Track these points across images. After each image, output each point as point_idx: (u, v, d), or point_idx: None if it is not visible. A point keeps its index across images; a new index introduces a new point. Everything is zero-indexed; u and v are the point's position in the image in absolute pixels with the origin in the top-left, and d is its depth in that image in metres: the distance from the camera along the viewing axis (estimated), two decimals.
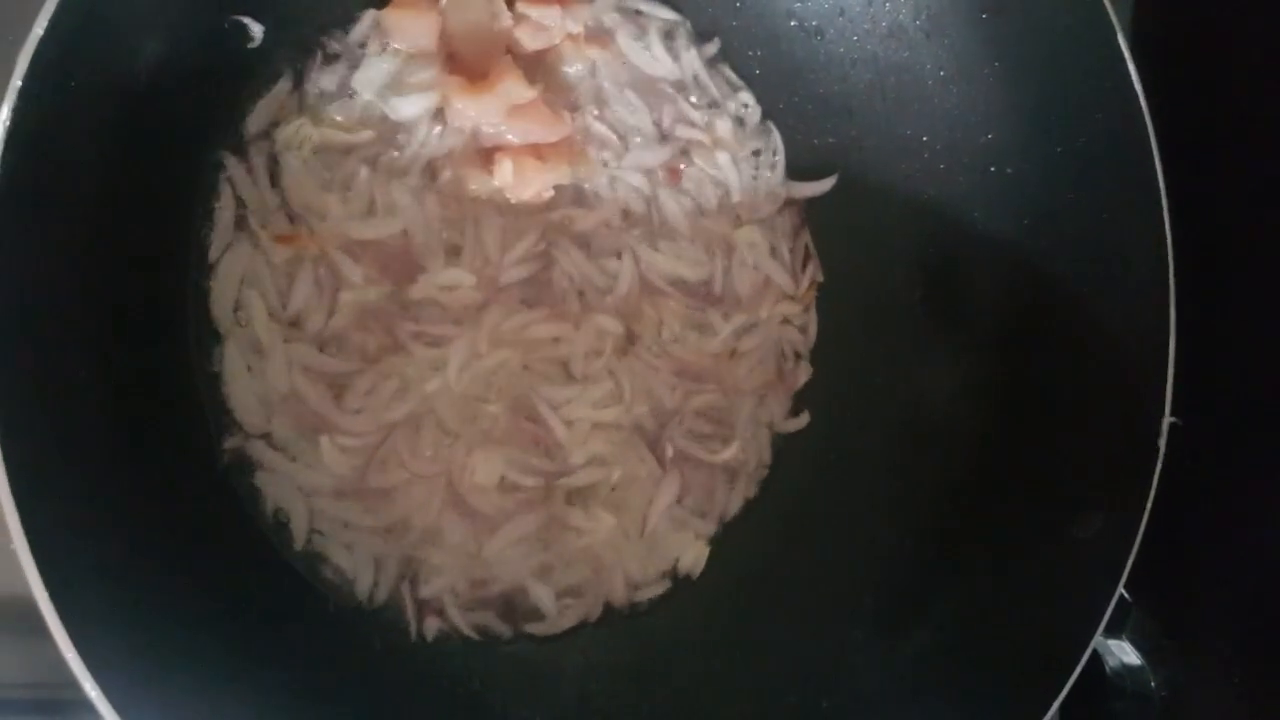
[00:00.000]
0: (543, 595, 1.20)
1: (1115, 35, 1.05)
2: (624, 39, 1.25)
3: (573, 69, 1.24)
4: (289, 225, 1.14)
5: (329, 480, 1.13)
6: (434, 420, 1.17)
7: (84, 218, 0.90)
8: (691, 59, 1.29)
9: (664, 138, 1.27)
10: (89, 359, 0.89)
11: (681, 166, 1.28)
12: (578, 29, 1.21)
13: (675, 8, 1.28)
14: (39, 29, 0.78)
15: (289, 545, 1.12)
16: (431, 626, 1.16)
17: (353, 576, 1.14)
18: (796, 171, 1.32)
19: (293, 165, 1.14)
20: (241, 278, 1.12)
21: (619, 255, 1.24)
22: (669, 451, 1.24)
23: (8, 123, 0.77)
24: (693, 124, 1.28)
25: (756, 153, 1.31)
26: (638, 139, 1.26)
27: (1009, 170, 1.19)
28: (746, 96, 1.31)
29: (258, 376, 1.12)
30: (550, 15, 1.19)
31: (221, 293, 1.11)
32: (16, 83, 0.77)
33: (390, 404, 1.15)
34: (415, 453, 1.16)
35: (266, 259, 1.13)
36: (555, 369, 1.21)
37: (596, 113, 1.25)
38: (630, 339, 1.24)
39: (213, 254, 1.11)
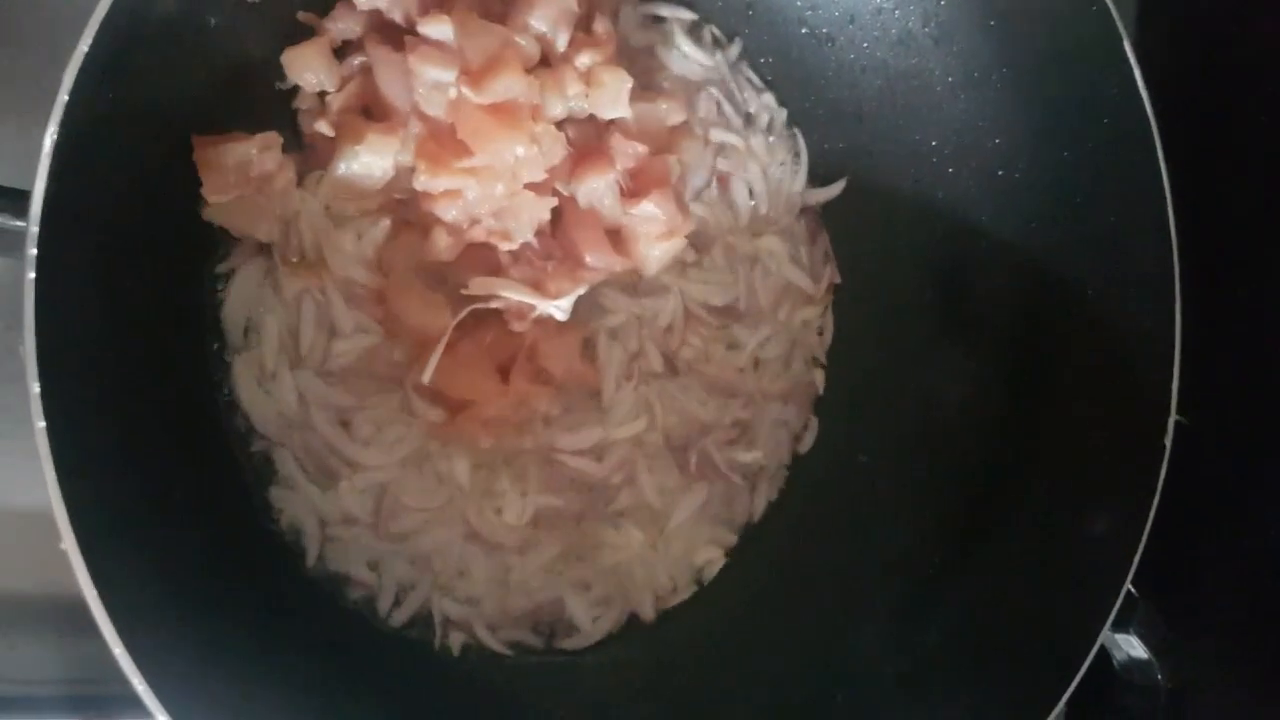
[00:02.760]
0: (579, 610, 1.20)
1: (1121, 41, 1.06)
2: (660, 49, 1.27)
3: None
4: (300, 251, 1.13)
5: (339, 511, 1.13)
6: (439, 462, 1.17)
7: (125, 225, 0.91)
8: (720, 61, 1.30)
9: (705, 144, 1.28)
10: (132, 364, 0.90)
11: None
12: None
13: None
14: (84, 45, 0.80)
15: (304, 560, 1.12)
16: (456, 641, 1.16)
17: (375, 594, 1.14)
18: (809, 177, 1.34)
19: (308, 203, 1.13)
20: (252, 299, 1.11)
21: (661, 292, 1.25)
22: (692, 461, 1.25)
23: (55, 137, 0.79)
24: (730, 128, 1.30)
25: (783, 163, 1.33)
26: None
27: (1017, 174, 1.20)
28: (770, 99, 1.33)
29: (270, 396, 1.11)
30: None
31: (233, 310, 1.11)
32: (63, 98, 0.79)
33: (394, 445, 1.14)
34: (424, 494, 1.15)
35: (275, 286, 1.12)
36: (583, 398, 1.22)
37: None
38: (672, 371, 1.25)
39: (228, 265, 1.11)
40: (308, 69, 1.10)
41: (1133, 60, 1.07)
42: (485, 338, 1.15)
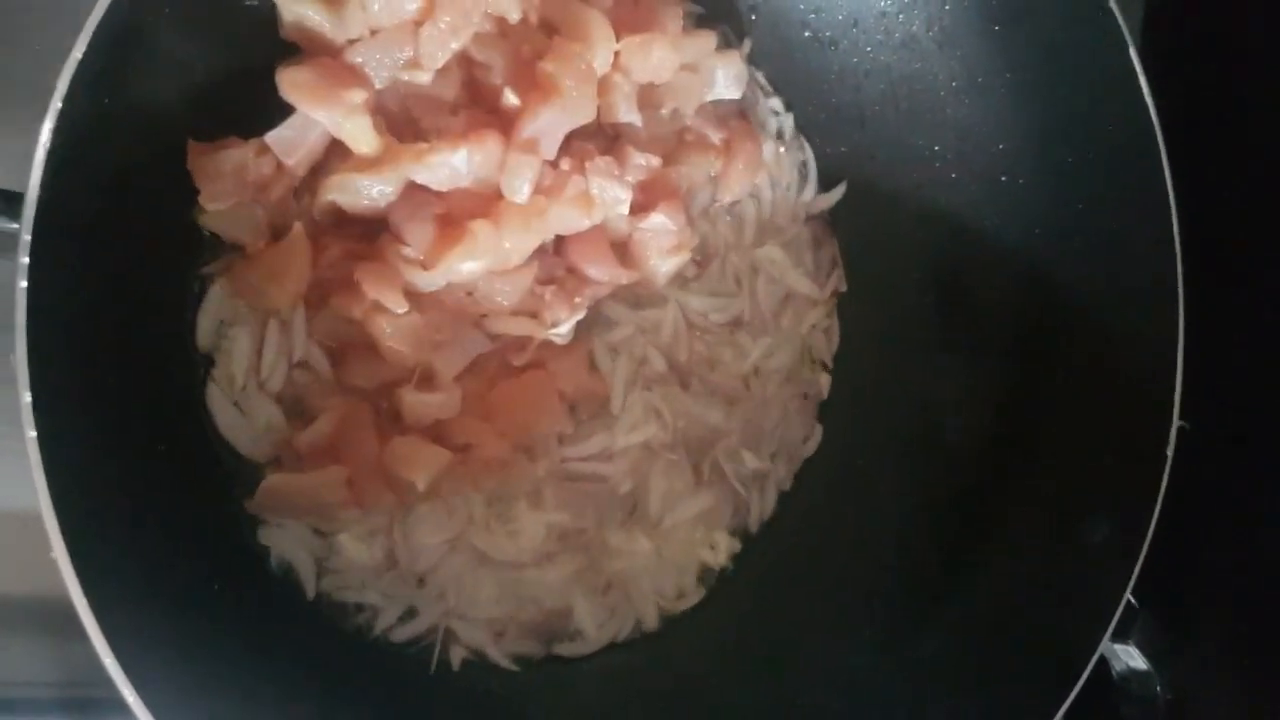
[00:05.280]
0: (586, 617, 1.18)
1: (1127, 48, 1.06)
2: None
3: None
4: None
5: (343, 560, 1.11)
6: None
7: (119, 231, 0.90)
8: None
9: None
10: (125, 371, 0.90)
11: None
12: None
13: None
14: (79, 51, 0.79)
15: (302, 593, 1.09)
16: (457, 656, 1.14)
17: (377, 615, 1.12)
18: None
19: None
20: (228, 308, 1.08)
21: (661, 303, 1.24)
22: (705, 469, 1.24)
23: (49, 141, 0.78)
24: None
25: (791, 173, 1.31)
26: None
27: (1020, 180, 1.20)
28: (777, 103, 1.32)
29: (246, 419, 1.08)
30: None
31: (206, 322, 1.08)
32: (57, 104, 0.78)
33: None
34: (437, 528, 1.13)
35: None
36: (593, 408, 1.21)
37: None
38: (683, 384, 1.24)
39: (210, 268, 1.09)
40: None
41: (1138, 67, 1.06)
42: (488, 371, 1.13)
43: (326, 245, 1.08)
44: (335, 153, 1.08)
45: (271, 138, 1.04)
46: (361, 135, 1.04)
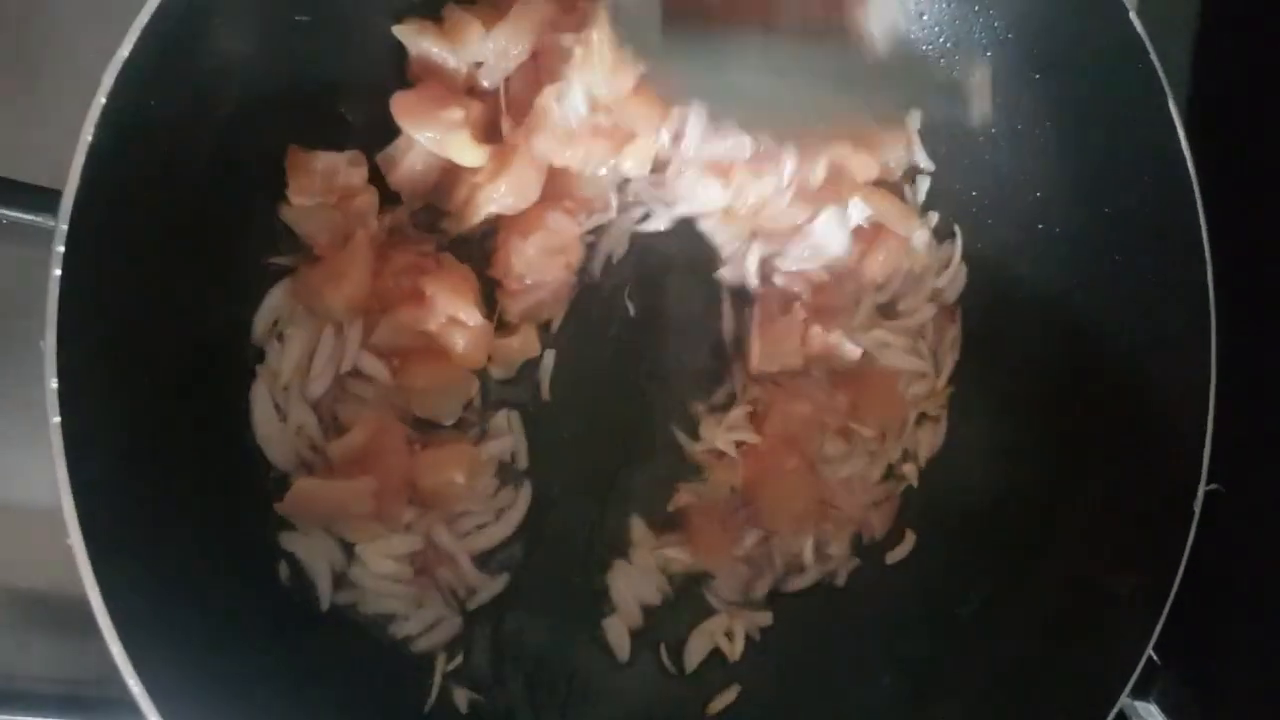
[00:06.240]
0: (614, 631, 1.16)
1: (1166, 100, 1.06)
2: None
3: None
4: None
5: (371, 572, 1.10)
6: None
7: (158, 231, 0.91)
8: None
9: None
10: (153, 366, 0.90)
11: None
12: None
13: None
14: (124, 50, 0.81)
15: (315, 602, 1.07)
16: (463, 699, 1.11)
17: (400, 619, 1.10)
18: None
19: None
20: (283, 309, 1.09)
21: None
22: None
23: (90, 139, 0.79)
24: None
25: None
26: None
27: (1056, 229, 1.20)
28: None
29: (282, 421, 1.07)
30: None
31: (263, 317, 1.08)
32: (100, 100, 0.80)
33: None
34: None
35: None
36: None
37: None
38: None
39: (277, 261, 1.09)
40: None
41: (1177, 120, 1.06)
42: None
43: (391, 256, 1.11)
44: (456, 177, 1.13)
45: (381, 157, 1.11)
46: (464, 148, 1.09)
